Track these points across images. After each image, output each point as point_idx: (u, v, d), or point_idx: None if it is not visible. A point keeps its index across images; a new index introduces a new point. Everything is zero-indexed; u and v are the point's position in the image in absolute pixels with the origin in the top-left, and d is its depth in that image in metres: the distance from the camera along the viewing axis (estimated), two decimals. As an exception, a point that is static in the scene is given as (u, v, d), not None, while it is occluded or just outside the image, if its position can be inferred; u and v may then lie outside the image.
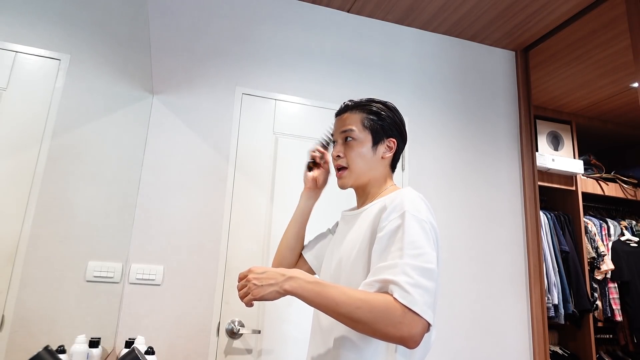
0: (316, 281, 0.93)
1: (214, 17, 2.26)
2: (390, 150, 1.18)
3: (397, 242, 0.94)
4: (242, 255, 2.03)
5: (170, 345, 1.86)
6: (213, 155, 2.10)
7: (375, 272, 0.93)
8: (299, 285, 0.92)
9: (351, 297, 0.89)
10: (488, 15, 2.43)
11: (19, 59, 0.80)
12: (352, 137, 1.15)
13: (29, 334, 0.95)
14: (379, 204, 1.08)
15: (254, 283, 0.94)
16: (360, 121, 1.16)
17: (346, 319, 0.89)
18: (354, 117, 1.17)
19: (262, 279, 0.94)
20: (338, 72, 2.39)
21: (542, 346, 2.31)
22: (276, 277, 0.93)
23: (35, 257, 0.92)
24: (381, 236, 0.97)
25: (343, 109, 1.21)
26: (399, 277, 0.88)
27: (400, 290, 0.86)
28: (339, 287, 0.92)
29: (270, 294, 0.93)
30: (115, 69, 1.38)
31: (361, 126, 1.16)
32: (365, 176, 1.16)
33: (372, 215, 1.06)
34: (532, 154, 2.58)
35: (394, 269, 0.89)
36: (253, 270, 0.96)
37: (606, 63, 2.66)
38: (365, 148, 1.15)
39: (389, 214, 1.00)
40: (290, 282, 0.93)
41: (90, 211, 1.31)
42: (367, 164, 1.15)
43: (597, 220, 3.11)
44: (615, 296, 2.91)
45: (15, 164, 0.83)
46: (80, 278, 1.30)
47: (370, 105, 1.19)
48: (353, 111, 1.18)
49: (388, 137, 1.17)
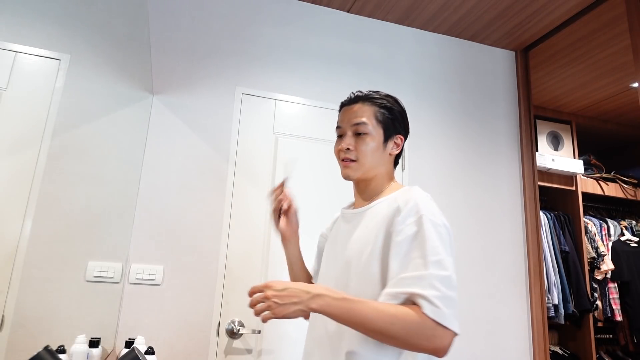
0: (343, 297, 0.90)
1: (214, 17, 2.26)
2: (397, 147, 1.15)
3: (417, 249, 0.93)
4: (242, 256, 2.02)
5: (170, 345, 1.86)
6: (213, 155, 2.10)
7: (400, 283, 0.91)
8: (326, 303, 0.90)
9: (383, 313, 0.88)
10: (488, 15, 2.43)
11: (19, 59, 0.80)
12: (365, 132, 1.10)
13: (29, 334, 0.95)
14: (389, 203, 1.05)
15: (275, 302, 0.89)
16: (373, 115, 1.11)
17: (378, 335, 0.89)
18: (367, 109, 1.12)
19: (284, 297, 0.89)
20: (338, 72, 2.39)
21: (542, 346, 2.31)
22: (300, 295, 0.90)
23: (35, 257, 0.92)
24: (399, 241, 0.95)
25: (353, 100, 1.15)
26: (428, 292, 0.87)
27: (430, 305, 0.87)
28: (367, 302, 0.90)
29: (294, 313, 0.90)
30: (115, 69, 1.38)
31: (374, 120, 1.11)
32: (372, 172, 1.12)
33: (383, 214, 1.03)
34: (532, 154, 2.58)
35: (421, 282, 0.89)
36: (271, 286, 0.91)
37: (606, 63, 2.66)
38: (376, 143, 1.10)
39: (405, 217, 0.97)
40: (316, 301, 0.89)
41: (90, 211, 1.31)
42: (376, 159, 1.11)
43: (597, 220, 3.11)
44: (615, 296, 2.91)
45: (15, 164, 0.83)
46: (80, 278, 1.30)
47: (383, 98, 1.14)
48: (365, 103, 1.13)
49: (397, 133, 1.14)
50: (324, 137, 2.26)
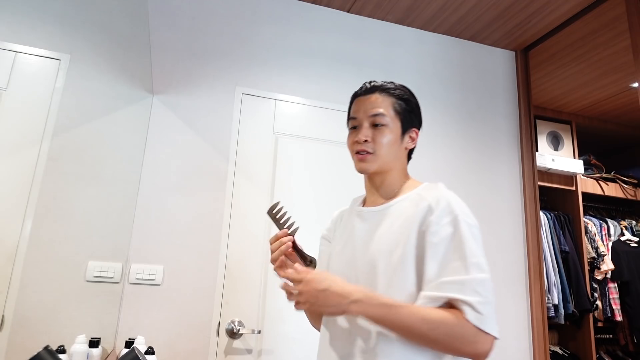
0: (382, 303, 0.89)
1: (214, 17, 2.26)
2: (413, 141, 1.11)
3: (455, 251, 0.92)
4: (242, 256, 2.02)
5: (170, 345, 1.86)
6: (213, 155, 2.10)
7: (441, 288, 0.89)
8: (364, 309, 0.89)
9: (424, 319, 0.87)
10: (488, 15, 2.43)
11: (19, 59, 0.80)
12: (383, 123, 1.05)
13: (29, 334, 0.95)
14: (414, 200, 1.02)
15: (311, 301, 0.89)
16: (391, 106, 1.06)
17: (418, 339, 0.89)
18: (385, 100, 1.07)
19: (321, 298, 0.88)
20: (338, 72, 2.39)
21: (542, 346, 2.31)
22: (338, 299, 0.88)
23: (35, 257, 0.92)
24: (435, 243, 0.93)
25: (369, 90, 1.09)
26: (471, 298, 0.87)
27: (473, 311, 0.86)
28: (407, 306, 0.89)
29: (330, 313, 0.91)
30: (115, 69, 1.38)
31: (393, 112, 1.06)
32: (388, 166, 1.07)
33: (410, 213, 0.99)
34: (532, 154, 2.58)
35: (463, 287, 0.88)
36: (310, 282, 0.89)
37: (606, 63, 2.66)
38: (394, 136, 1.06)
39: (439, 217, 0.95)
40: (355, 306, 0.89)
41: (90, 211, 1.31)
42: (394, 153, 1.07)
43: (597, 220, 3.11)
44: (615, 296, 2.90)
45: (15, 164, 0.83)
46: (80, 278, 1.30)
47: (399, 89, 1.09)
48: (382, 93, 1.07)
49: (413, 126, 1.10)
50: (324, 137, 2.26)
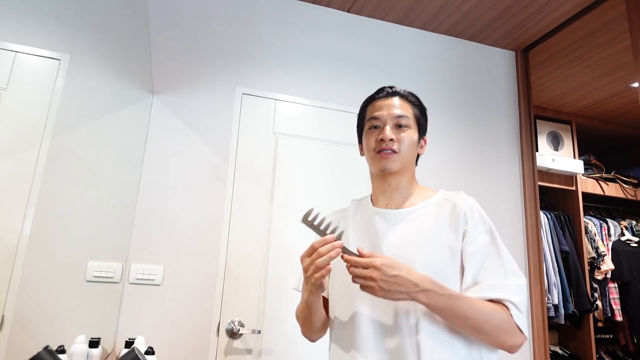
0: (448, 294, 0.93)
1: (214, 17, 2.26)
2: (422, 148, 1.18)
3: (494, 258, 1.00)
4: (242, 256, 2.02)
5: (170, 345, 1.86)
6: (213, 155, 2.10)
7: (488, 289, 0.97)
8: (432, 298, 0.93)
9: (481, 311, 0.94)
10: (488, 15, 2.43)
11: (19, 59, 0.80)
12: (407, 125, 1.11)
13: (29, 334, 0.95)
14: (441, 205, 1.07)
15: (381, 286, 0.90)
16: (412, 111, 1.13)
17: (472, 330, 0.95)
18: (406, 105, 1.13)
19: (392, 284, 0.90)
20: (338, 72, 2.39)
21: (542, 346, 2.31)
22: (409, 286, 0.91)
23: (35, 257, 0.92)
24: (473, 251, 1.00)
25: (391, 94, 1.15)
26: (515, 298, 0.96)
27: (517, 311, 0.95)
28: (468, 299, 0.95)
29: (396, 299, 0.93)
30: (115, 69, 1.38)
31: (413, 117, 1.13)
32: (408, 166, 1.13)
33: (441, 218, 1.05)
34: (532, 154, 2.58)
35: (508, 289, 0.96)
36: (381, 267, 0.90)
37: (606, 63, 2.66)
38: (415, 138, 1.13)
39: (475, 226, 1.03)
40: (423, 295, 0.92)
41: (90, 211, 1.31)
42: (412, 154, 1.13)
43: (597, 220, 3.11)
44: (615, 296, 2.90)
45: (15, 164, 0.83)
46: (80, 278, 1.30)
47: (416, 98, 1.17)
48: (402, 100, 1.14)
49: (424, 134, 1.18)
50: (324, 137, 2.26)
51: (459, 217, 1.04)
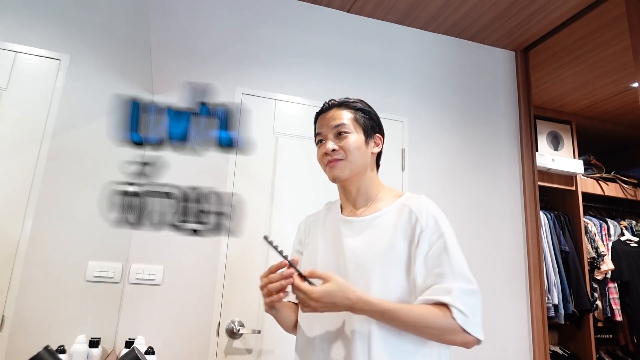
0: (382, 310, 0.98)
1: (214, 17, 2.26)
2: (378, 146, 1.21)
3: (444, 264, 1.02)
4: (242, 256, 2.02)
5: (170, 345, 1.86)
6: (213, 155, 2.09)
7: (431, 293, 1.00)
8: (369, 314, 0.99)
9: (419, 317, 0.98)
10: (488, 15, 2.43)
11: (19, 59, 0.80)
12: (346, 131, 1.15)
13: (29, 334, 0.95)
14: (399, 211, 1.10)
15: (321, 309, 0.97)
16: (350, 117, 1.17)
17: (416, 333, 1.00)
18: (343, 113, 1.17)
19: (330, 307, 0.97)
20: (338, 72, 2.39)
21: (542, 346, 2.31)
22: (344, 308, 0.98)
23: (35, 257, 0.92)
24: (424, 258, 1.04)
25: (328, 107, 1.20)
26: (457, 302, 0.98)
27: (460, 314, 0.97)
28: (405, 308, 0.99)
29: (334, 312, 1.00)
30: (115, 69, 1.38)
31: (353, 121, 1.17)
32: (359, 170, 1.16)
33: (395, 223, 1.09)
34: (532, 154, 2.58)
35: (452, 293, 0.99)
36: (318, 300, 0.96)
37: (606, 63, 2.66)
38: (359, 140, 1.15)
39: (429, 233, 1.05)
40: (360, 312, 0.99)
41: (90, 211, 1.31)
42: (363, 156, 1.15)
43: (597, 220, 3.11)
44: (615, 296, 2.90)
45: (15, 164, 0.83)
46: (80, 278, 1.30)
47: (356, 102, 1.20)
48: (340, 108, 1.18)
49: (375, 133, 1.20)
50: (324, 137, 2.26)
51: (414, 225, 1.07)
